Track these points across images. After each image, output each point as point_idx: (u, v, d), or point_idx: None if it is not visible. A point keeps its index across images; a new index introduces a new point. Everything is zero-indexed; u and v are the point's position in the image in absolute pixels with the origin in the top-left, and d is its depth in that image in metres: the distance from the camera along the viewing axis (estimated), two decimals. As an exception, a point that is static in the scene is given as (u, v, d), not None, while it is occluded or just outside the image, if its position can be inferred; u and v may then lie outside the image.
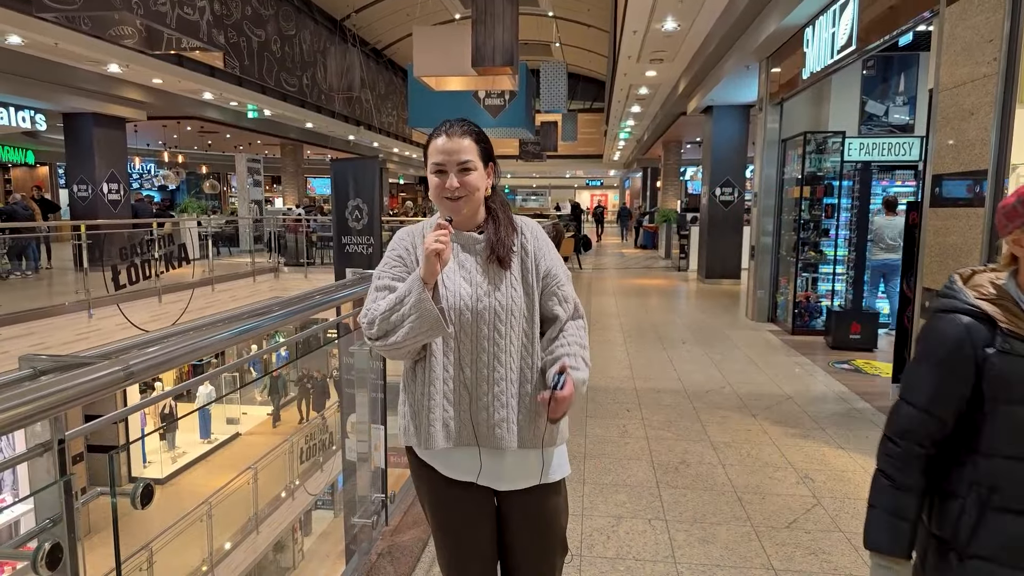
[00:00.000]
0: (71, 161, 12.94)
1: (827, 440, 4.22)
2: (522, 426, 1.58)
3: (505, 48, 5.70)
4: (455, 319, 1.54)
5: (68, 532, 1.29)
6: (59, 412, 1.24)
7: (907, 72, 7.84)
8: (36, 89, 10.95)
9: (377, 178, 7.74)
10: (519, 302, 1.57)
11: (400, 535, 3.00)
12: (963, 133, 3.78)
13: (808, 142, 7.50)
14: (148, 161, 25.17)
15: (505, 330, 1.55)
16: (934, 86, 4.15)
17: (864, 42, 5.53)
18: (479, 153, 1.59)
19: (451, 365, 1.56)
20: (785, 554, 2.83)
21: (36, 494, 1.29)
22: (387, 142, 22.35)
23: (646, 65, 10.83)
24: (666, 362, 6.30)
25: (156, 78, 11.57)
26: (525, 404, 1.58)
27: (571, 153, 29.22)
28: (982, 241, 3.57)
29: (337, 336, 3.02)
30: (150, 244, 9.14)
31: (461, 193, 1.56)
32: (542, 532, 1.66)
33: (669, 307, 10.15)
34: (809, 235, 7.64)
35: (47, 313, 7.58)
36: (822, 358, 6.45)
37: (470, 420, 1.57)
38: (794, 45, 7.32)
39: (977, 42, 3.67)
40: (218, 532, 7.81)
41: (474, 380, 1.56)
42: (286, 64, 14.31)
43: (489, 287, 1.56)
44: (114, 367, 1.30)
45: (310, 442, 9.89)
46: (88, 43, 8.99)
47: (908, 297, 5.01)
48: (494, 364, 1.55)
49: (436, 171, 1.57)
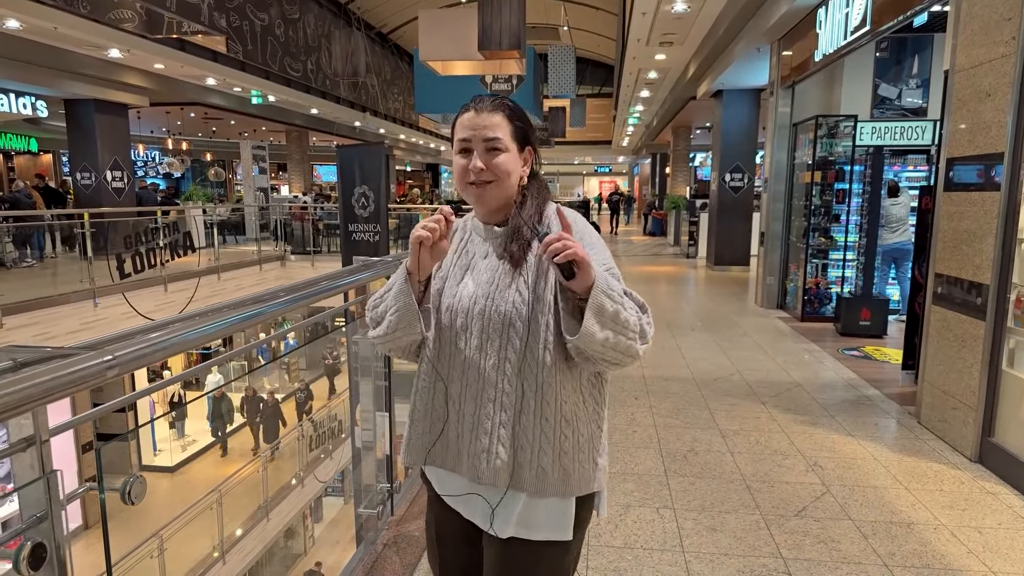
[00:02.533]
0: (74, 148, 12.90)
1: (836, 427, 4.16)
2: (507, 462, 1.28)
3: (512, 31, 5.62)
4: (450, 322, 1.33)
5: (53, 530, 1.24)
6: (41, 405, 1.20)
7: (921, 54, 7.68)
8: (36, 75, 10.89)
9: (383, 165, 7.67)
10: (526, 309, 1.27)
11: (406, 525, 2.97)
12: (979, 115, 3.68)
13: (820, 126, 7.38)
14: (152, 148, 25.14)
15: (501, 343, 1.27)
16: (949, 67, 4.04)
17: (878, 23, 5.41)
18: (512, 133, 1.33)
19: (441, 377, 1.35)
20: (794, 542, 2.78)
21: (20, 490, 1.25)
22: (394, 128, 22.24)
23: (655, 48, 10.67)
24: (675, 349, 6.24)
25: (158, 63, 11.48)
26: (518, 437, 1.28)
27: (579, 139, 29.01)
28: (997, 226, 3.49)
29: (344, 323, 3.00)
30: (155, 232, 9.12)
31: (487, 177, 1.30)
32: None
33: (678, 294, 10.06)
34: (819, 221, 7.53)
35: (52, 302, 7.58)
36: (831, 345, 6.37)
37: (456, 442, 1.34)
38: (806, 26, 7.17)
39: (995, 21, 3.56)
40: (228, 519, 7.85)
41: (461, 397, 1.32)
42: (290, 49, 14.21)
43: (491, 290, 1.30)
44: (98, 358, 1.25)
45: (320, 430, 9.91)
46: (87, 27, 8.92)
47: (920, 283, 4.92)
48: (483, 383, 1.29)
49: (461, 150, 1.33)
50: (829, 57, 6.53)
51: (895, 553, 2.70)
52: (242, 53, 12.29)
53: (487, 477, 1.29)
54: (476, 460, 1.30)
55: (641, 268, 13.09)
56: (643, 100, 16.06)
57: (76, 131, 12.66)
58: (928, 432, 4.08)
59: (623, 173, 42.79)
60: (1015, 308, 3.45)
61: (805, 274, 7.60)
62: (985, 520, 2.99)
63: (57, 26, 8.67)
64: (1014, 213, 3.43)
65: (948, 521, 2.97)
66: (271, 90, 14.12)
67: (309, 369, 13.46)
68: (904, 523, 2.96)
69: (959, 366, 3.79)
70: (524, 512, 1.31)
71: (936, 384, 4.04)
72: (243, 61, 12.53)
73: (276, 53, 13.61)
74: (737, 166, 11.97)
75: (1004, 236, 3.47)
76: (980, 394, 3.59)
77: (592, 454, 1.34)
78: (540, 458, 1.28)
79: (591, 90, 30.22)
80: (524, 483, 1.29)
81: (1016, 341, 3.48)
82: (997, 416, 3.55)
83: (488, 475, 1.29)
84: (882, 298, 6.90)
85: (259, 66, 13.12)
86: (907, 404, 4.57)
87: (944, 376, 3.95)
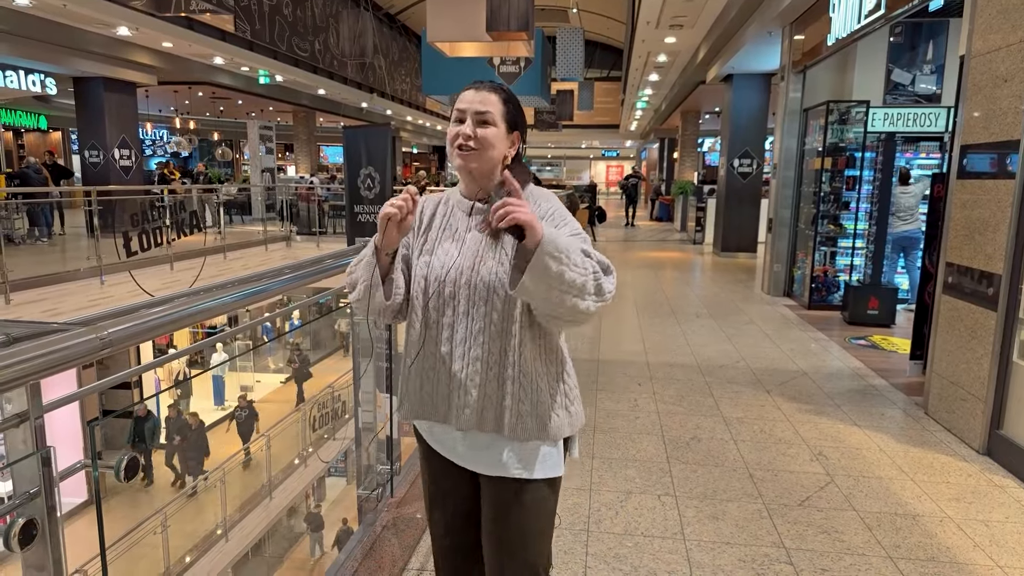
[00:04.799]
0: (82, 126, 12.88)
1: (842, 417, 4.13)
2: (500, 411, 1.46)
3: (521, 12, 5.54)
4: (438, 291, 1.47)
5: (46, 507, 1.23)
6: (33, 380, 1.18)
7: (936, 39, 7.55)
8: (45, 52, 10.85)
9: (389, 146, 7.62)
10: (503, 279, 1.41)
11: (405, 507, 2.96)
12: (995, 102, 3.60)
13: (831, 112, 7.27)
14: (160, 127, 25.10)
15: (486, 308, 1.43)
16: (965, 52, 3.96)
17: (893, 7, 5.30)
18: (503, 113, 1.49)
19: (430, 339, 1.49)
20: (797, 532, 2.76)
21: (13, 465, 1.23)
22: (400, 110, 22.11)
23: (665, 31, 10.53)
24: (679, 336, 6.20)
25: (166, 41, 11.42)
26: (502, 388, 1.46)
27: (587, 123, 28.77)
28: (1010, 215, 3.43)
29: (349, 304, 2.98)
30: (162, 211, 9.11)
31: (473, 145, 1.46)
32: (509, 531, 1.53)
33: (683, 280, 10.01)
34: (829, 208, 7.45)
35: (60, 279, 7.60)
36: (838, 334, 6.32)
37: (445, 398, 1.49)
38: (819, 10, 7.05)
39: (1015, 4, 3.48)
40: (231, 498, 7.90)
41: (449, 356, 1.47)
42: (298, 28, 14.09)
43: (475, 260, 1.46)
44: (90, 335, 1.23)
45: (323, 410, 9.94)
46: (96, 4, 8.88)
47: (930, 272, 4.86)
48: (470, 342, 1.45)
49: (456, 120, 1.49)
50: (842, 41, 6.42)
51: (900, 545, 2.68)
52: (250, 32, 12.20)
53: (475, 426, 1.47)
54: (465, 412, 1.46)
55: (647, 254, 13.02)
56: (652, 84, 15.89)
57: (84, 109, 12.64)
58: (935, 423, 4.04)
59: (631, 157, 42.47)
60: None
61: (813, 262, 7.52)
62: (992, 513, 2.96)
63: (66, 3, 8.63)
64: (1029, 202, 3.36)
65: (954, 514, 2.95)
66: (279, 70, 14.04)
67: (314, 350, 13.49)
68: (909, 515, 2.93)
69: (968, 357, 3.74)
70: (508, 455, 1.49)
71: (944, 375, 4.00)
72: (251, 40, 12.44)
73: (284, 33, 13.51)
74: (746, 151, 11.85)
75: (1018, 226, 3.40)
76: (989, 385, 3.55)
77: (564, 402, 1.52)
78: (520, 407, 1.46)
79: (599, 73, 29.93)
80: (507, 429, 1.46)
81: (1027, 332, 3.43)
82: (1006, 408, 3.51)
83: (476, 424, 1.46)
84: (891, 287, 6.84)
85: (267, 46, 13.03)
86: (914, 394, 4.53)
87: (953, 367, 3.91)
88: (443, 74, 9.89)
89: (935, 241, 4.66)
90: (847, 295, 6.92)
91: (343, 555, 2.64)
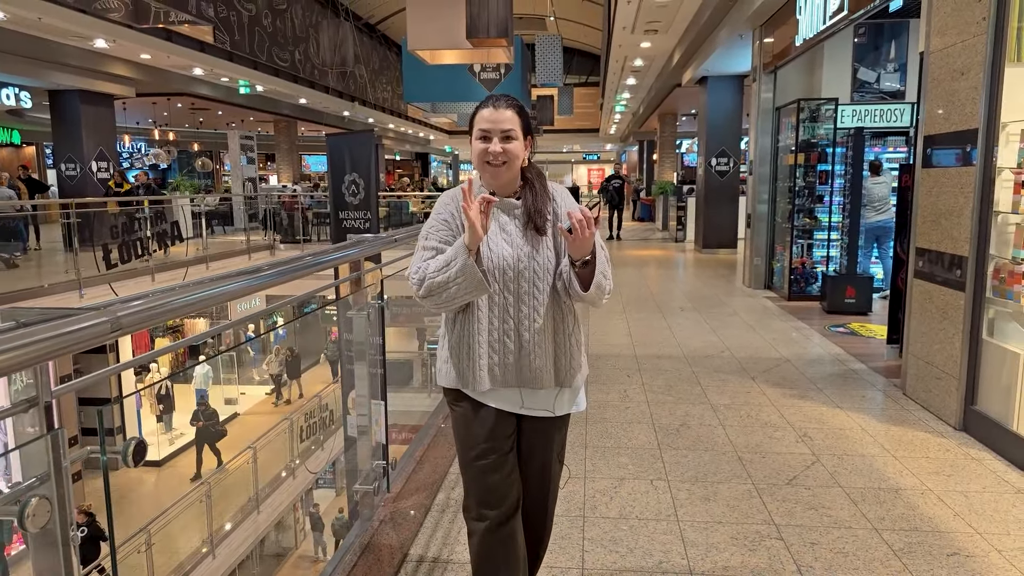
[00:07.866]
0: (58, 139, 12.73)
1: (824, 400, 4.23)
2: (558, 368, 1.84)
3: (500, 20, 5.62)
4: (498, 278, 1.76)
5: (57, 489, 1.26)
6: (43, 362, 1.20)
7: (897, 39, 7.80)
8: (20, 65, 10.73)
9: (373, 152, 7.66)
10: (553, 262, 1.80)
11: (402, 501, 2.99)
12: (954, 94, 3.75)
13: (802, 110, 7.45)
14: (138, 139, 24.82)
15: (543, 286, 1.79)
16: (925, 49, 4.12)
17: (855, 7, 5.48)
18: (520, 125, 1.77)
19: (496, 318, 1.80)
20: (786, 510, 2.84)
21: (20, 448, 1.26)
22: (383, 118, 22.13)
23: (640, 36, 10.68)
24: (665, 329, 6.29)
25: (144, 53, 11.35)
26: (559, 349, 1.84)
27: (568, 127, 28.98)
28: (973, 200, 3.56)
29: (336, 299, 2.86)
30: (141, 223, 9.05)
31: (503, 159, 1.73)
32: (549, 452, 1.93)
33: (667, 277, 10.13)
34: (804, 202, 7.61)
35: (36, 294, 7.50)
36: (818, 322, 6.45)
37: (515, 365, 1.80)
38: (787, 13, 7.22)
39: (967, 2, 3.63)
40: (217, 513, 7.80)
41: (516, 330, 1.79)
42: (278, 39, 14.09)
43: (530, 249, 1.78)
44: (101, 318, 1.26)
45: (310, 420, 9.89)
46: (72, 17, 8.82)
47: (902, 259, 5.00)
48: (533, 316, 1.79)
49: (481, 137, 1.75)
50: (809, 42, 6.59)
51: (884, 517, 2.76)
52: (229, 43, 12.18)
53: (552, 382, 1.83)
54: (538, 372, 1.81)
55: (631, 252, 13.13)
56: (629, 88, 16.07)
57: (61, 122, 12.50)
58: (913, 402, 4.16)
59: (611, 160, 42.75)
60: (993, 279, 3.52)
61: (791, 254, 7.68)
62: (970, 484, 3.06)
63: (42, 16, 8.56)
64: (989, 187, 3.50)
65: (934, 486, 3.04)
66: (259, 80, 14.01)
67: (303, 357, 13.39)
68: (892, 489, 3.02)
69: (941, 337, 3.86)
70: (562, 399, 1.89)
71: (920, 356, 4.12)
72: (230, 51, 12.41)
73: (264, 43, 13.49)
74: (723, 151, 12.03)
75: (980, 210, 3.53)
76: (962, 364, 3.66)
77: (585, 354, 1.96)
78: (570, 362, 1.87)
79: (578, 79, 30.18)
80: (564, 380, 1.86)
81: (995, 311, 3.55)
82: (979, 385, 3.62)
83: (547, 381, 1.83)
84: (866, 276, 7.00)
85: (246, 56, 13.00)
86: (892, 376, 4.65)
87: (927, 347, 4.02)
88: (424, 82, 9.93)
89: (905, 229, 4.79)
90: (825, 285, 7.08)
91: (341, 550, 2.66)
